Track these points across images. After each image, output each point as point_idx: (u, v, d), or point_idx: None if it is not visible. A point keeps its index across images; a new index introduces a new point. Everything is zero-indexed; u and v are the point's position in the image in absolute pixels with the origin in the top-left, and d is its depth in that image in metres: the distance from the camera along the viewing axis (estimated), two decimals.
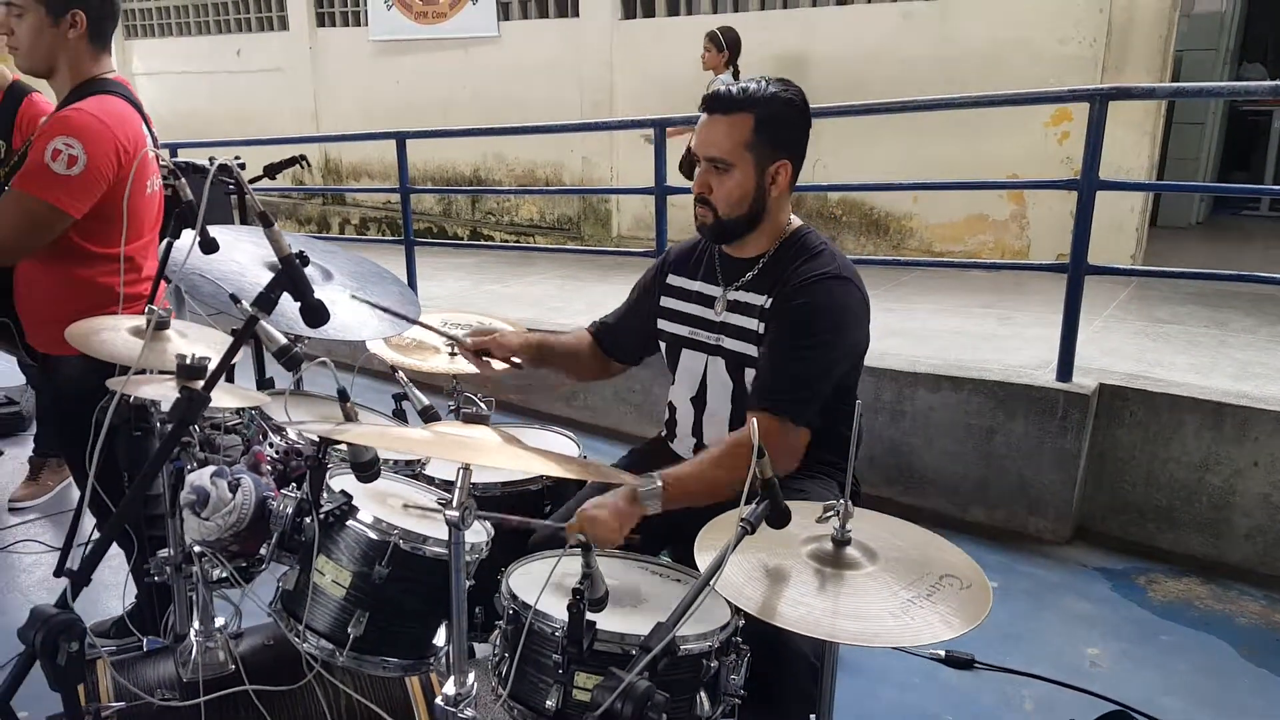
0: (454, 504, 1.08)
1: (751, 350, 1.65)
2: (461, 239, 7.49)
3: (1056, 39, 4.94)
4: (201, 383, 1.14)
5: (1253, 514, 2.87)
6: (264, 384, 3.04)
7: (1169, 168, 6.21)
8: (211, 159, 3.09)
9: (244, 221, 3.03)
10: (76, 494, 3.19)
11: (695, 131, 1.62)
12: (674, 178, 3.95)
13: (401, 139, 4.75)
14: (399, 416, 2.14)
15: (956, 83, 5.02)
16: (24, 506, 3.21)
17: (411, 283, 4.87)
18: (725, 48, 5.08)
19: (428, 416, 2.07)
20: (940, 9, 5.28)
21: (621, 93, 6.36)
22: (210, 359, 1.30)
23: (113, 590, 2.57)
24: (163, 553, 1.46)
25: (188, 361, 1.22)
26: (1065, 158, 4.99)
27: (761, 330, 1.64)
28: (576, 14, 6.55)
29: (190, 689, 1.34)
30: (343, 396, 1.22)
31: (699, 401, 1.74)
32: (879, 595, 1.09)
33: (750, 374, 1.66)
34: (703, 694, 1.32)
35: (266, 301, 1.14)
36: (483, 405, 1.13)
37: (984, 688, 2.28)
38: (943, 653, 2.33)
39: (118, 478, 1.90)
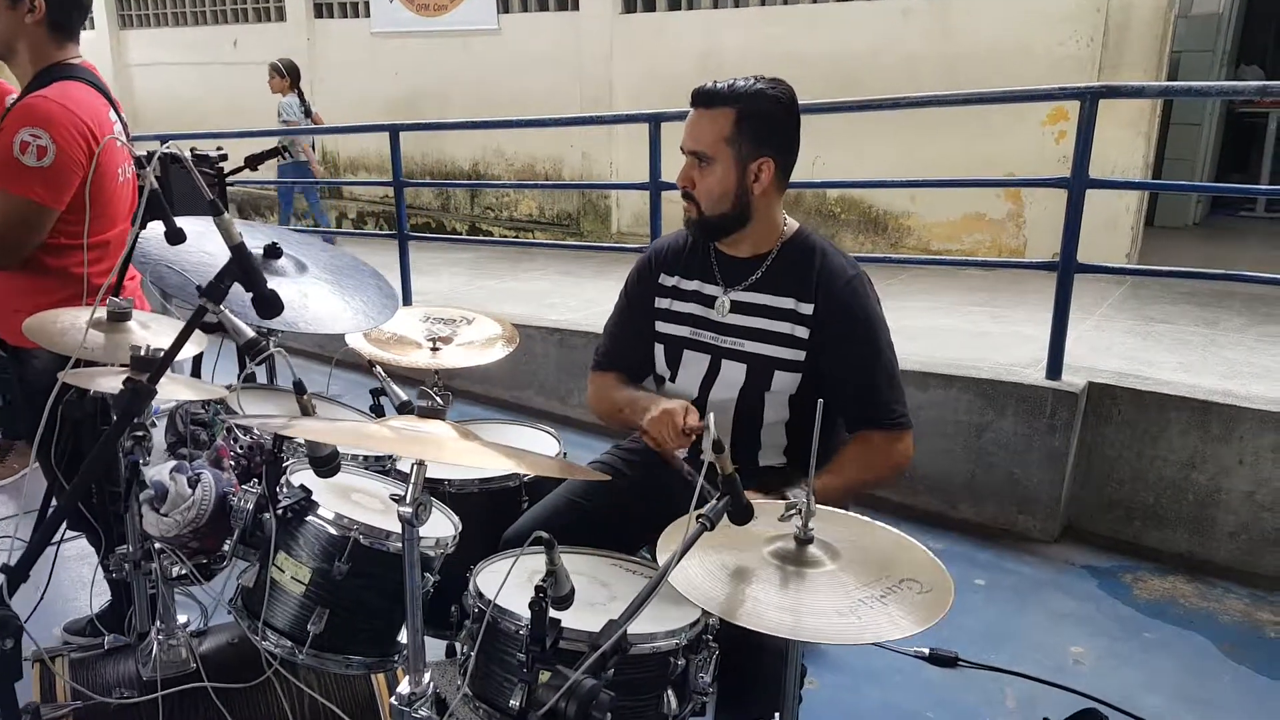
0: (408, 499, 1.07)
1: (785, 354, 1.65)
2: (460, 234, 7.47)
3: (1054, 39, 4.92)
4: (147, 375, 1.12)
5: (1237, 512, 2.86)
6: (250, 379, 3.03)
7: (1166, 168, 6.18)
8: (193, 149, 3.07)
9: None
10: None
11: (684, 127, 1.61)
12: (669, 173, 3.91)
13: (395, 132, 4.74)
14: (376, 412, 2.13)
15: (955, 81, 4.99)
16: None
17: (405, 277, 4.86)
18: (286, 74, 6.57)
19: (406, 413, 2.07)
20: (940, 7, 5.26)
21: (621, 87, 6.34)
22: (159, 349, 1.29)
23: (93, 588, 2.56)
24: (121, 549, 1.44)
25: (142, 353, 1.21)
26: (1062, 157, 4.94)
27: (805, 335, 1.63)
28: (576, 7, 6.53)
29: (151, 687, 1.33)
30: (299, 389, 1.20)
31: (699, 403, 1.71)
32: (831, 594, 1.08)
33: (783, 377, 1.65)
34: (669, 692, 1.31)
35: (216, 291, 1.13)
36: (438, 400, 1.12)
37: (967, 685, 2.27)
38: (927, 650, 2.32)
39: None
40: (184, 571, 1.35)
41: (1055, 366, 3.10)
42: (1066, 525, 3.13)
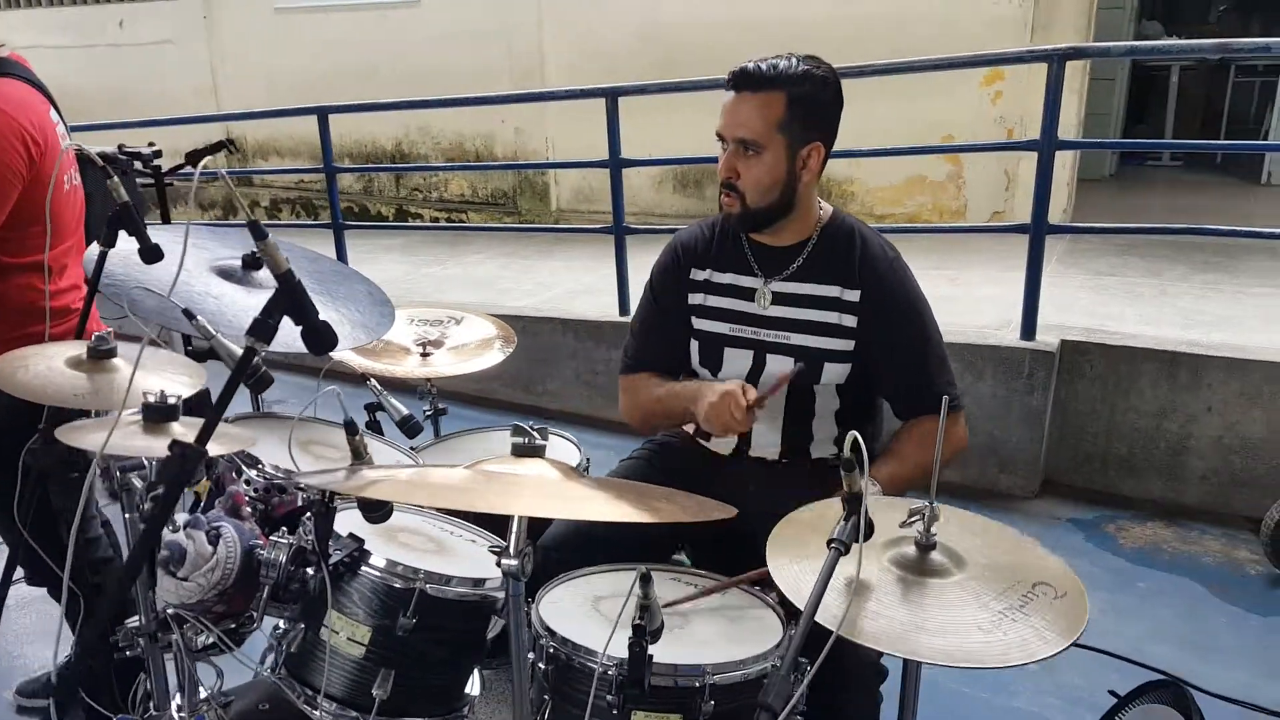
0: (512, 550, 0.95)
1: (834, 344, 1.58)
2: (387, 218, 7.13)
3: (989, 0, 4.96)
4: (193, 434, 0.96)
5: (1207, 457, 2.98)
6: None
7: (1086, 123, 6.38)
8: (121, 146, 2.76)
9: (165, 219, 2.74)
10: None
11: (721, 111, 1.50)
12: (633, 148, 3.77)
13: (324, 114, 4.44)
14: (373, 429, 1.97)
15: (896, 45, 4.98)
16: None
17: None
18: None
19: (408, 427, 1.91)
20: None
21: (553, 60, 6.11)
22: (177, 396, 1.13)
23: (41, 640, 2.32)
24: (131, 622, 1.26)
25: (152, 401, 1.04)
26: (999, 117, 5.04)
27: (853, 324, 1.57)
28: None
29: None
30: (350, 429, 1.06)
31: None
32: (968, 607, 1.02)
33: (832, 368, 1.58)
34: (764, 717, 1.24)
35: (265, 329, 0.97)
36: (536, 434, 0.98)
37: None
38: None
39: (51, 524, 1.68)
40: (211, 640, 1.19)
41: (1030, 327, 3.15)
42: (1045, 481, 3.21)
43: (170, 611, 1.21)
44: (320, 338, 1.00)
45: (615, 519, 0.91)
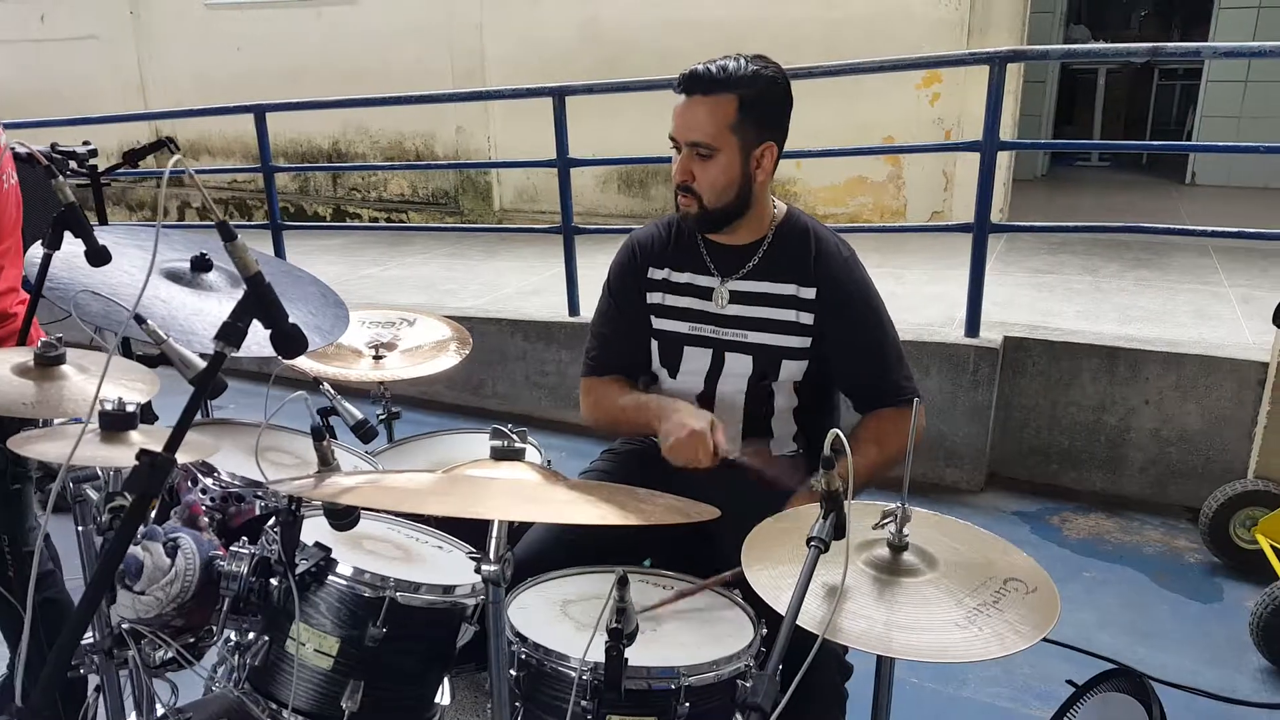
0: (493, 556, 0.92)
1: (792, 341, 1.59)
2: (324, 218, 6.95)
3: (927, 3, 5.07)
4: (152, 442, 0.90)
5: (1145, 448, 3.10)
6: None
7: (1020, 124, 6.58)
8: (54, 145, 2.63)
9: (101, 220, 2.61)
10: None
11: (672, 114, 1.50)
12: (576, 148, 3.73)
13: (261, 112, 4.30)
14: (329, 433, 1.90)
15: (836, 48, 5.06)
16: None
17: None
18: None
19: (363, 432, 1.86)
20: None
21: (494, 59, 6.04)
22: (135, 403, 1.07)
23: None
24: (86, 639, 1.19)
25: (110, 408, 0.98)
26: (936, 118, 5.16)
27: (810, 321, 1.58)
28: None
29: None
30: (317, 435, 1.01)
31: (707, 397, 1.63)
32: (942, 604, 1.03)
33: (790, 365, 1.59)
34: (739, 716, 1.24)
35: (234, 333, 0.92)
36: (515, 437, 0.96)
37: None
38: None
39: None
40: (169, 655, 1.13)
41: (974, 324, 3.23)
42: (990, 474, 3.29)
43: (126, 627, 1.15)
44: (291, 342, 0.96)
45: (602, 521, 0.89)
